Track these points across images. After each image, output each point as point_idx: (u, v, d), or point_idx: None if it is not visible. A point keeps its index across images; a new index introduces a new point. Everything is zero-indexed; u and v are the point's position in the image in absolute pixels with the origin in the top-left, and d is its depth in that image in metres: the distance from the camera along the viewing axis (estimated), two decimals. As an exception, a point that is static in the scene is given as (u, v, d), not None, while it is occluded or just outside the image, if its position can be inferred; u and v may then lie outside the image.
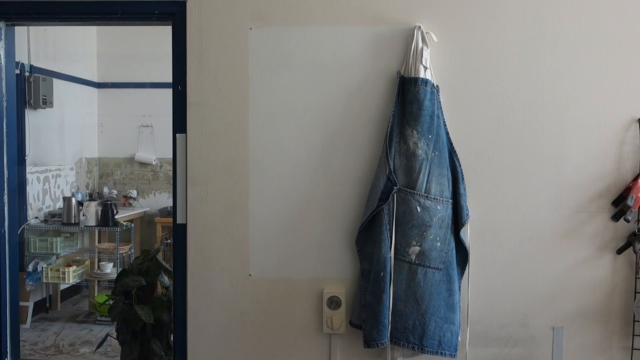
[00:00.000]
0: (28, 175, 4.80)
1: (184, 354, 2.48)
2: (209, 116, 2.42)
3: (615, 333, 2.41)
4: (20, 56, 4.69)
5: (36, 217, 4.94)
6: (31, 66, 4.89)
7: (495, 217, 2.40)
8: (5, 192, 2.69)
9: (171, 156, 2.50)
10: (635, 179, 2.33)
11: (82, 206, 4.99)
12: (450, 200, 2.29)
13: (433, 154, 2.26)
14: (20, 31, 3.99)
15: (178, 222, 2.47)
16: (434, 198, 2.25)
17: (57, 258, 4.90)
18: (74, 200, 4.95)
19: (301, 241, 2.43)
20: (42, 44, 5.13)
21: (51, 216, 5.05)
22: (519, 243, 2.40)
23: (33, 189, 4.93)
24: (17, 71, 4.41)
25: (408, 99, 2.27)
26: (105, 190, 6.04)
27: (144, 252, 3.08)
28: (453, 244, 2.30)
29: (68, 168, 5.59)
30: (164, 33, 2.66)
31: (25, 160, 4.72)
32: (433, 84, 2.29)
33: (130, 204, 6.02)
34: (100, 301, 4.48)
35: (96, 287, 5.02)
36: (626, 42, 2.35)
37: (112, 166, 6.30)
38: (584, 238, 2.39)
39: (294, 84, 2.40)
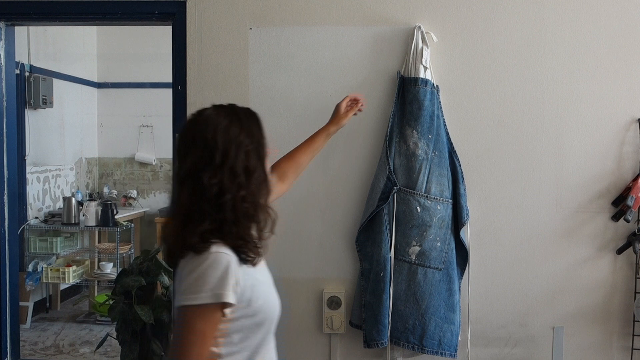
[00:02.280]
0: (28, 175, 4.79)
1: (184, 354, 2.47)
2: (209, 116, 2.42)
3: (615, 333, 2.41)
4: (20, 56, 4.68)
5: (36, 217, 4.94)
6: (31, 66, 4.89)
7: (495, 217, 2.39)
8: (5, 192, 2.69)
9: (171, 156, 2.50)
10: (635, 179, 2.33)
11: (82, 206, 4.99)
12: (450, 200, 2.29)
13: (433, 154, 2.26)
14: (20, 31, 3.99)
15: (178, 222, 2.46)
16: (434, 198, 2.24)
17: (57, 258, 4.89)
18: (74, 200, 4.95)
19: (301, 241, 2.43)
20: (42, 44, 5.13)
21: (51, 216, 5.05)
22: (519, 243, 2.40)
23: (33, 189, 4.93)
24: (17, 71, 4.41)
25: (408, 99, 2.27)
26: (105, 190, 6.04)
27: (144, 252, 3.07)
28: (453, 244, 2.30)
29: (68, 168, 5.59)
30: (164, 33, 2.66)
31: (25, 160, 4.71)
32: (433, 84, 2.29)
33: (130, 204, 6.01)
34: (100, 301, 4.47)
35: (96, 287, 5.01)
36: (626, 42, 2.35)
37: (112, 166, 6.30)
38: (584, 238, 2.39)
39: (294, 84, 2.40)
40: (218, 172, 1.25)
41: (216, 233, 1.24)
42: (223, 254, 1.22)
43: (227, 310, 1.21)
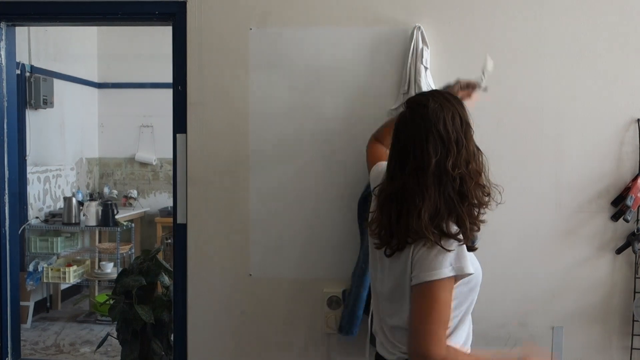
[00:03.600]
0: (29, 175, 4.80)
1: (184, 354, 2.48)
2: (209, 116, 2.42)
3: (614, 333, 2.41)
4: (21, 56, 4.69)
5: (37, 217, 4.94)
6: (32, 66, 4.89)
7: (495, 217, 2.38)
8: (6, 192, 2.70)
9: (171, 156, 2.50)
10: (634, 179, 2.33)
11: (82, 206, 4.99)
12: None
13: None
14: (21, 31, 4.00)
15: (178, 222, 2.47)
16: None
17: (58, 258, 4.90)
18: (74, 200, 4.96)
19: (301, 241, 2.43)
20: (42, 44, 5.14)
21: (52, 216, 5.05)
22: (519, 243, 2.40)
23: (33, 189, 4.94)
24: (18, 71, 4.42)
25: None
26: (106, 190, 6.05)
27: (145, 252, 3.08)
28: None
29: (68, 168, 5.60)
30: (164, 33, 2.67)
31: (25, 160, 4.72)
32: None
33: (130, 204, 6.02)
34: (100, 301, 4.48)
35: (96, 286, 5.02)
36: (626, 42, 2.35)
37: (113, 166, 6.31)
38: (584, 238, 2.39)
39: (294, 84, 2.40)
40: (457, 163, 1.39)
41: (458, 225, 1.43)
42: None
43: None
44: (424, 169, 1.39)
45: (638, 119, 2.36)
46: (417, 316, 1.38)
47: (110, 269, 4.92)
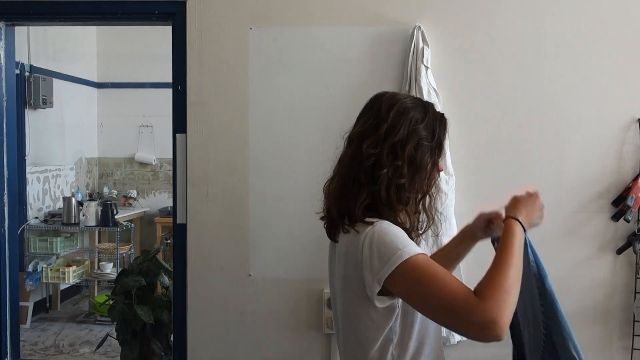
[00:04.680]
0: (28, 175, 4.79)
1: (183, 354, 2.47)
2: (209, 116, 2.42)
3: (615, 333, 2.41)
4: (20, 56, 4.68)
5: (36, 217, 4.93)
6: (31, 66, 4.88)
7: (495, 217, 2.39)
8: (5, 192, 2.69)
9: (171, 156, 2.50)
10: (635, 179, 2.33)
11: (82, 206, 4.99)
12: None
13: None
14: (20, 31, 3.99)
15: (178, 222, 2.47)
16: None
17: (57, 258, 4.89)
18: (74, 200, 4.95)
19: (301, 241, 2.43)
20: (42, 44, 5.13)
21: (51, 216, 5.04)
22: (519, 243, 2.40)
23: (33, 189, 4.93)
24: (17, 71, 4.41)
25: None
26: (105, 190, 6.04)
27: (144, 252, 3.08)
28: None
29: (68, 168, 5.59)
30: (164, 33, 2.66)
31: (25, 160, 4.71)
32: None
33: (130, 204, 6.01)
34: (100, 301, 4.47)
35: (96, 287, 5.01)
36: (626, 42, 2.35)
37: (112, 166, 6.30)
38: (584, 238, 2.39)
39: (294, 84, 2.40)
40: (379, 144, 1.27)
41: (373, 210, 1.27)
42: (383, 221, 1.24)
43: None
44: (350, 138, 1.36)
45: (639, 119, 2.35)
46: (430, 308, 1.18)
47: (109, 269, 4.92)
